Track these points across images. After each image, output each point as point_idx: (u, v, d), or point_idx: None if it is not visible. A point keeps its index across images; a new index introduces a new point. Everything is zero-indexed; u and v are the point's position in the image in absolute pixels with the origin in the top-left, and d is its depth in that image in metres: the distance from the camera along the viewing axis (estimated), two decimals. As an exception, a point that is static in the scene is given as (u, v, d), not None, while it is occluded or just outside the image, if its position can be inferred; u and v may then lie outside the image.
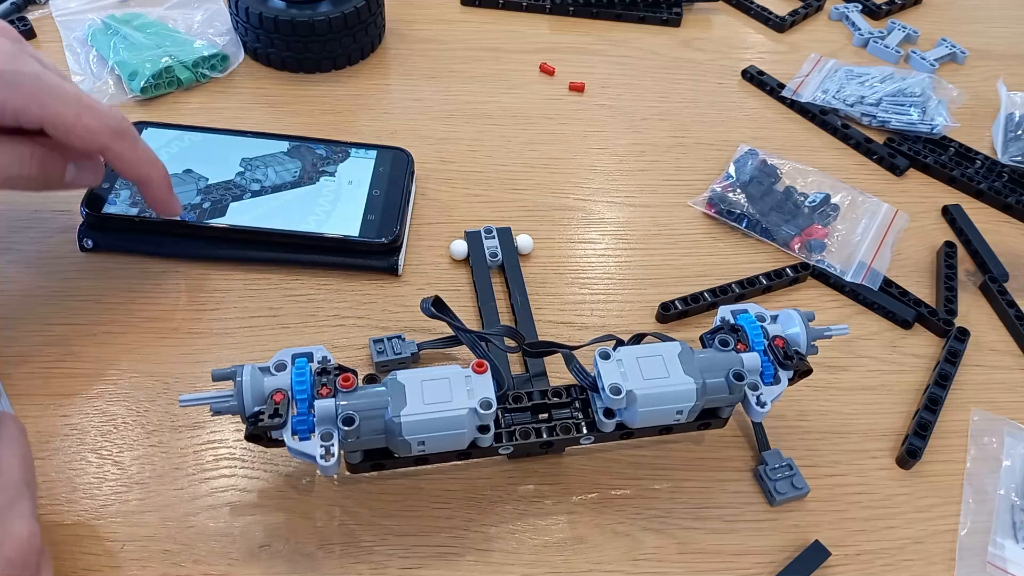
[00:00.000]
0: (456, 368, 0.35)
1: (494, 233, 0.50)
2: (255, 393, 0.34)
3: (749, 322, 0.38)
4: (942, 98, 0.62)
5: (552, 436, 0.37)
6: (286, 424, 0.33)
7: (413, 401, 0.34)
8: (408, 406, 0.34)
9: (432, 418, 0.34)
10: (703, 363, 0.37)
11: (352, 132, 0.56)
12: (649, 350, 0.37)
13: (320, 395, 0.34)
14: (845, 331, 0.40)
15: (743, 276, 0.49)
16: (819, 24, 0.72)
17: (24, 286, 0.45)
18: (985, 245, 0.53)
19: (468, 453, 0.37)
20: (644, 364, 0.36)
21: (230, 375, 0.34)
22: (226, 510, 0.38)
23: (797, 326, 0.38)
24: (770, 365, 0.37)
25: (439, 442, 0.34)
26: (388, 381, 0.35)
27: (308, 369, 0.35)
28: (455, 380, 0.35)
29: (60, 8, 0.63)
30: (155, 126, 0.52)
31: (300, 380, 0.34)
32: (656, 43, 0.68)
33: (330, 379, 0.34)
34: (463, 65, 0.63)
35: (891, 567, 0.39)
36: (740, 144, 0.58)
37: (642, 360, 0.36)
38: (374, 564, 0.37)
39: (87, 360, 0.43)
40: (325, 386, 0.34)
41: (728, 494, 0.40)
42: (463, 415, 0.34)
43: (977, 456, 0.43)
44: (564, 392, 0.38)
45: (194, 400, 0.34)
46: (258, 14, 0.58)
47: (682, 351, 0.37)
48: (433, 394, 0.34)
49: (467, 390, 0.35)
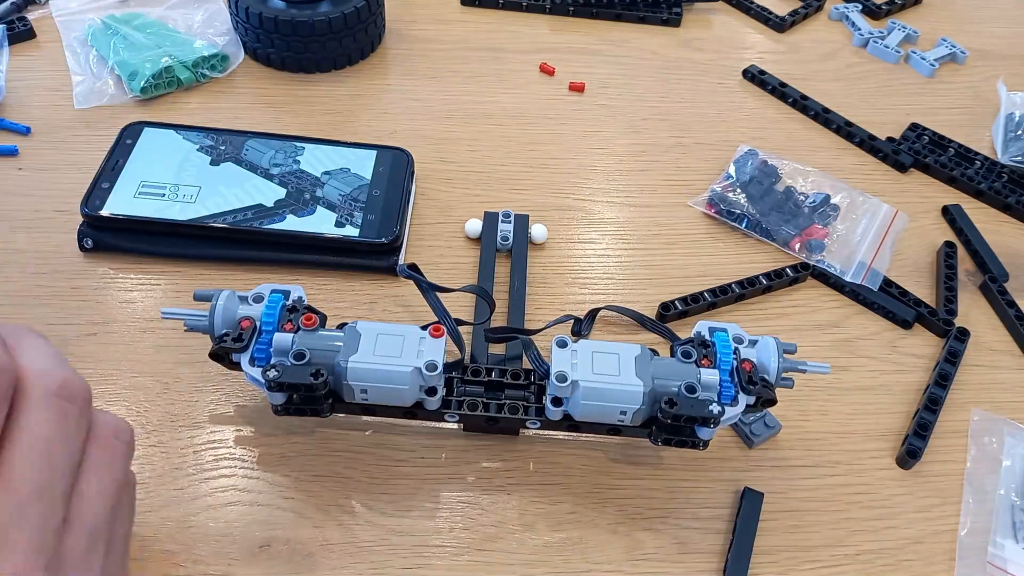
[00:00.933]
0: (415, 329, 0.36)
1: (511, 218, 0.50)
2: (227, 317, 0.36)
3: (722, 340, 0.37)
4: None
5: (499, 414, 0.37)
6: (247, 350, 0.35)
7: (364, 350, 0.35)
8: (358, 354, 0.35)
9: (376, 369, 0.35)
10: (659, 369, 0.36)
11: (352, 132, 0.56)
12: (608, 347, 0.37)
13: (283, 329, 0.36)
14: (826, 370, 0.38)
15: (743, 276, 0.49)
16: (819, 24, 0.72)
17: (24, 286, 0.45)
18: (985, 245, 0.53)
19: (413, 413, 0.38)
20: (598, 359, 0.36)
21: (209, 297, 0.37)
22: (226, 510, 0.38)
23: (771, 354, 0.37)
24: (731, 386, 0.36)
25: (381, 394, 0.35)
26: (348, 328, 0.36)
27: (281, 305, 0.36)
28: (409, 338, 0.36)
29: (60, 8, 0.63)
30: (155, 126, 0.52)
31: (270, 313, 0.36)
32: (656, 43, 0.68)
33: (296, 316, 0.36)
34: (463, 65, 0.63)
35: (891, 567, 0.39)
36: (740, 144, 0.58)
37: (597, 355, 0.36)
38: (374, 564, 0.37)
39: (87, 360, 0.43)
40: (290, 322, 0.36)
41: (728, 494, 0.40)
42: (407, 372, 0.35)
43: (977, 456, 0.43)
44: (523, 375, 0.39)
45: (174, 314, 0.37)
46: (258, 14, 0.58)
47: (640, 354, 0.36)
48: (385, 348, 0.35)
49: (418, 350, 0.36)
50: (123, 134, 0.51)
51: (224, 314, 0.36)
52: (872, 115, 0.63)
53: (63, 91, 0.57)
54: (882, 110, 0.64)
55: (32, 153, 0.53)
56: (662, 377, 0.36)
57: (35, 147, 0.53)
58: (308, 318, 0.36)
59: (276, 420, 0.41)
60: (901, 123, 0.62)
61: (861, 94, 0.65)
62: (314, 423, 0.41)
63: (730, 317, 0.48)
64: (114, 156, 0.49)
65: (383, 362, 0.35)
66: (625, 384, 0.35)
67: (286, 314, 0.36)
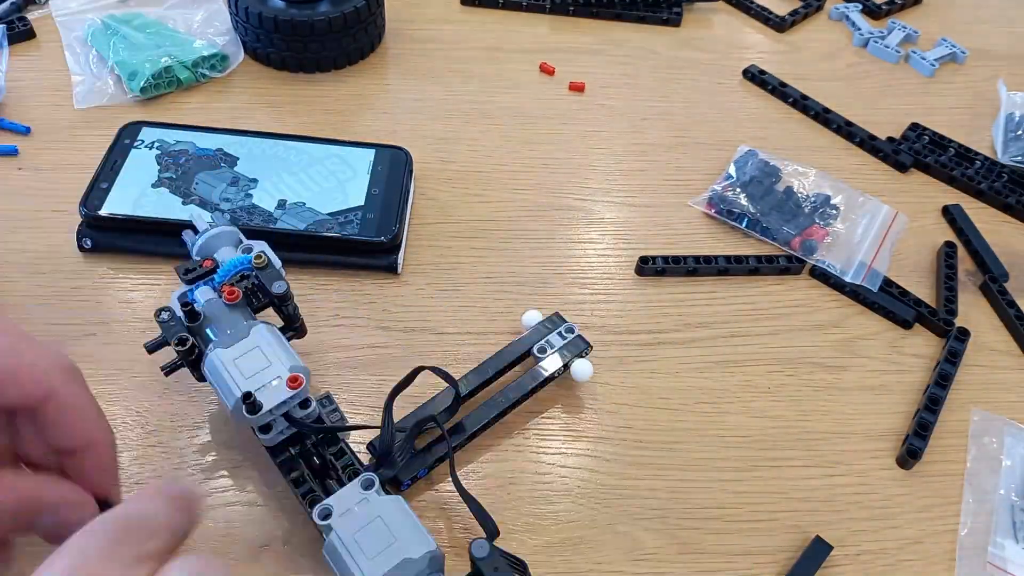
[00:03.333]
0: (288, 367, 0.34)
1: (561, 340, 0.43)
2: (206, 247, 0.38)
3: None
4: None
5: (299, 488, 0.35)
6: (191, 283, 0.37)
7: (233, 352, 0.34)
8: (225, 351, 0.34)
9: (220, 374, 0.34)
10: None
11: (352, 132, 0.56)
12: (403, 528, 0.31)
13: (222, 288, 0.36)
14: None
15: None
16: (819, 24, 0.72)
17: (24, 286, 0.45)
18: (985, 245, 0.53)
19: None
20: (373, 528, 0.32)
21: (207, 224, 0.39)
22: (226, 510, 0.38)
23: None
24: None
25: (220, 394, 0.35)
26: (249, 325, 0.35)
27: (244, 265, 0.37)
28: (270, 371, 0.34)
29: (60, 8, 0.63)
30: (154, 126, 0.52)
31: (231, 265, 0.37)
32: (656, 43, 0.68)
33: (239, 284, 0.37)
34: (463, 65, 0.63)
35: (891, 567, 0.39)
36: (740, 145, 0.58)
37: (379, 523, 0.32)
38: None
39: (87, 360, 0.43)
40: (231, 285, 0.37)
41: (728, 494, 0.40)
42: (233, 397, 0.33)
43: (977, 456, 0.43)
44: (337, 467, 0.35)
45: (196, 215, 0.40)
46: (258, 14, 0.58)
47: (414, 558, 0.31)
48: (250, 362, 0.34)
49: (265, 385, 0.33)
50: (121, 134, 0.51)
51: (207, 244, 0.38)
52: (872, 115, 0.63)
53: (63, 91, 0.57)
54: (882, 110, 0.64)
55: (32, 153, 0.53)
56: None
57: (35, 147, 0.53)
58: (231, 292, 0.36)
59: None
60: (901, 123, 0.62)
61: (861, 94, 0.65)
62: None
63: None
64: (112, 156, 0.49)
65: (227, 375, 0.34)
66: (358, 574, 0.30)
67: (238, 276, 0.37)
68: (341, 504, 0.32)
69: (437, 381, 0.39)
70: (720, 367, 0.46)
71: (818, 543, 0.38)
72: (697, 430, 0.43)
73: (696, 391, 0.44)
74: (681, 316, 0.48)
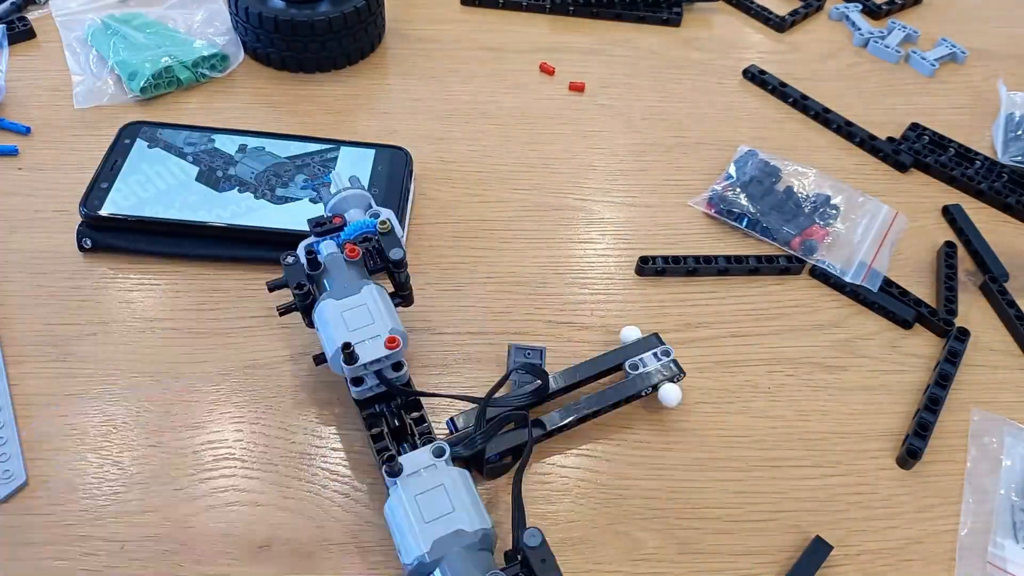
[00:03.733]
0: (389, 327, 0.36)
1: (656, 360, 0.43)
2: (338, 205, 0.41)
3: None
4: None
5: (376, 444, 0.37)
6: (322, 236, 0.40)
7: (341, 304, 0.37)
8: (334, 303, 0.37)
9: (325, 322, 0.37)
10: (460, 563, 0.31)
11: (352, 132, 0.56)
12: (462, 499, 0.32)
13: (345, 245, 0.39)
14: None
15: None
16: (819, 24, 0.72)
17: (24, 286, 0.45)
18: (985, 245, 0.53)
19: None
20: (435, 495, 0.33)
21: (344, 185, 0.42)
22: (226, 510, 0.38)
23: None
24: None
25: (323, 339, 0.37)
26: (359, 284, 0.38)
27: (369, 228, 0.40)
28: (373, 328, 0.36)
29: (60, 8, 0.63)
30: (154, 126, 0.52)
31: (358, 226, 0.40)
32: (656, 43, 0.68)
33: (361, 245, 0.40)
34: (463, 65, 0.63)
35: (891, 567, 0.39)
36: (740, 145, 0.58)
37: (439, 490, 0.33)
38: (373, 564, 0.37)
39: (87, 360, 0.43)
40: (354, 244, 0.39)
41: (728, 494, 0.40)
42: (334, 347, 0.35)
43: (977, 456, 0.43)
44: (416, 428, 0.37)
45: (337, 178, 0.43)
46: (258, 14, 0.58)
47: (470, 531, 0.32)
48: (354, 317, 0.37)
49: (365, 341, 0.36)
50: (121, 134, 0.51)
51: (340, 202, 0.41)
52: (872, 115, 0.63)
53: (63, 91, 0.57)
54: (882, 110, 0.64)
55: (32, 153, 0.53)
56: (449, 567, 0.31)
57: (35, 147, 0.53)
58: (352, 250, 0.39)
59: (276, 420, 0.41)
60: (901, 123, 0.62)
61: (861, 94, 0.65)
62: (317, 421, 0.41)
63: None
64: (112, 156, 0.49)
65: (333, 324, 0.36)
66: (413, 535, 0.31)
67: (361, 236, 0.40)
68: (411, 465, 0.34)
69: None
70: (720, 367, 0.46)
71: (818, 543, 0.38)
72: (697, 430, 0.43)
73: (696, 391, 0.44)
74: (681, 316, 0.48)
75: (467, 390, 0.43)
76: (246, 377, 0.42)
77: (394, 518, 0.33)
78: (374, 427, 0.37)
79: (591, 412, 0.41)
